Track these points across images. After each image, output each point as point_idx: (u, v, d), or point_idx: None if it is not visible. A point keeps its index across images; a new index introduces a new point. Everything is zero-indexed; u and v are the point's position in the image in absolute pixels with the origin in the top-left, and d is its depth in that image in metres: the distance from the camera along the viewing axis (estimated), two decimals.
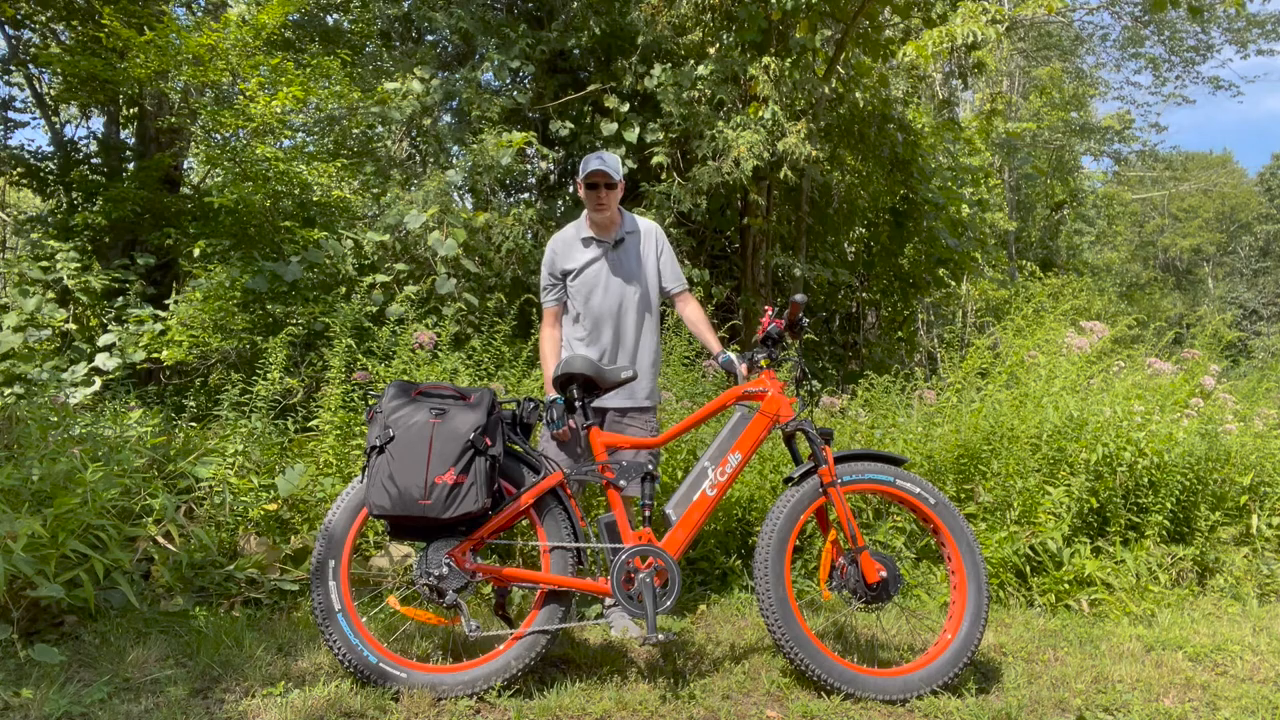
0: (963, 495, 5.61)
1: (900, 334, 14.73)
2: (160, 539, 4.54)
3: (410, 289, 7.50)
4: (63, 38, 10.55)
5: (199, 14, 10.63)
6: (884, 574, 3.76)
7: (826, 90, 10.30)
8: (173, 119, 9.40)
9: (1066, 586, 5.25)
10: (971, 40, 9.96)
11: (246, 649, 3.82)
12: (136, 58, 8.23)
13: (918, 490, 3.88)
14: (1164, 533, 5.68)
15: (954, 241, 13.00)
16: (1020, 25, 19.30)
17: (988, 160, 18.20)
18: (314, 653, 3.85)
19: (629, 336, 4.47)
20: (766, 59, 9.39)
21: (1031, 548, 5.33)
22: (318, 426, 5.50)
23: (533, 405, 3.82)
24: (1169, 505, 5.61)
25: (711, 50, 10.12)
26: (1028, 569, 5.36)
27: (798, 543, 4.80)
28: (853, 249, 13.90)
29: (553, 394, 4.02)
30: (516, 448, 3.76)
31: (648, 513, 3.78)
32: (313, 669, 3.70)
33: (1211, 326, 8.31)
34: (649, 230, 4.59)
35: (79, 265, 8.35)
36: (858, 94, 10.70)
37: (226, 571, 4.58)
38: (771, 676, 3.84)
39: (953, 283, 14.91)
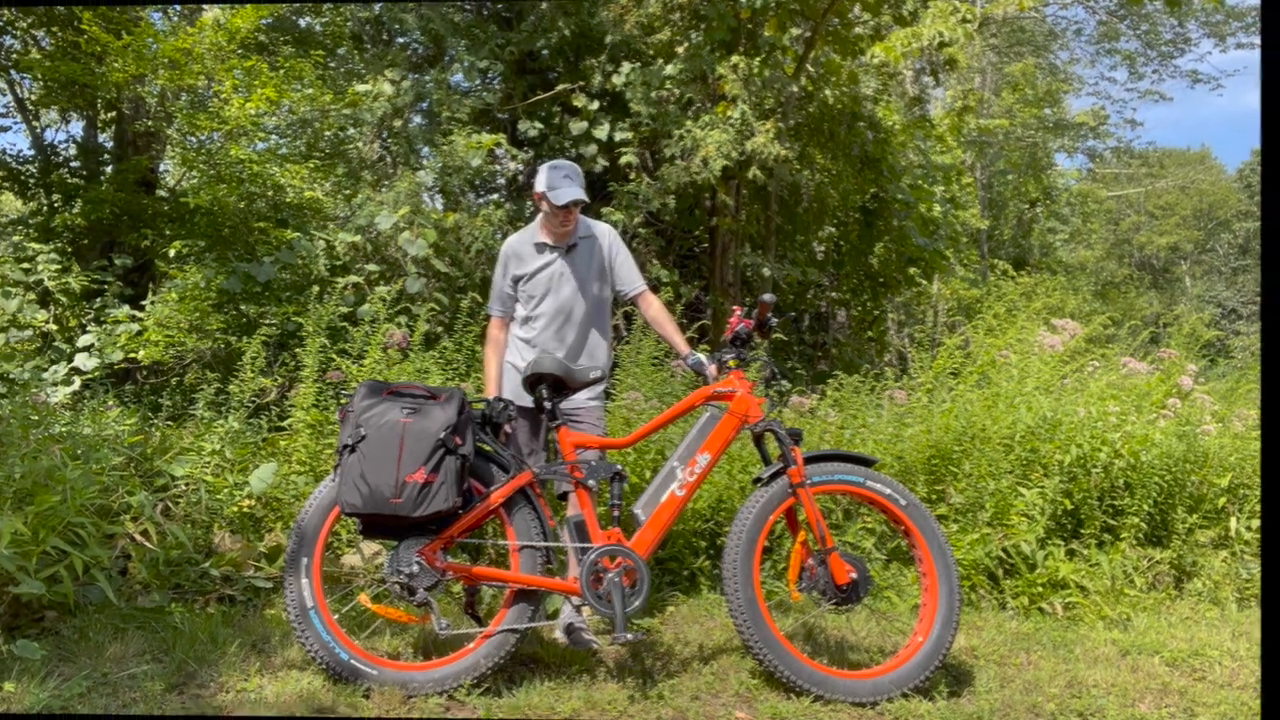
0: (934, 496, 5.53)
1: (870, 333, 14.68)
2: (138, 536, 4.61)
3: (382, 289, 7.59)
4: (43, 43, 10.57)
5: (175, 19, 10.67)
6: (854, 575, 3.77)
7: (796, 89, 10.30)
8: (149, 122, 9.44)
9: (1040, 589, 5.17)
10: (940, 40, 10.05)
11: (221, 645, 3.87)
12: (114, 62, 8.28)
13: (888, 491, 3.88)
14: (1140, 535, 5.56)
15: (925, 240, 13.03)
16: (992, 21, 19.41)
17: (959, 158, 18.29)
18: (287, 649, 3.91)
19: (574, 341, 4.46)
20: (735, 58, 9.40)
21: (1004, 550, 5.24)
22: (291, 425, 5.59)
23: (503, 405, 3.88)
24: (1145, 507, 5.50)
25: (680, 49, 10.08)
26: (1000, 571, 5.26)
27: (767, 544, 4.70)
28: (822, 248, 13.89)
29: (492, 394, 4.33)
30: (486, 447, 3.80)
31: (616, 513, 3.82)
32: (285, 665, 3.76)
33: (1189, 325, 7.99)
34: (603, 233, 4.57)
35: (59, 267, 8.40)
36: (827, 92, 10.72)
37: (202, 568, 4.65)
38: (740, 678, 3.86)
39: (923, 282, 14.86)
